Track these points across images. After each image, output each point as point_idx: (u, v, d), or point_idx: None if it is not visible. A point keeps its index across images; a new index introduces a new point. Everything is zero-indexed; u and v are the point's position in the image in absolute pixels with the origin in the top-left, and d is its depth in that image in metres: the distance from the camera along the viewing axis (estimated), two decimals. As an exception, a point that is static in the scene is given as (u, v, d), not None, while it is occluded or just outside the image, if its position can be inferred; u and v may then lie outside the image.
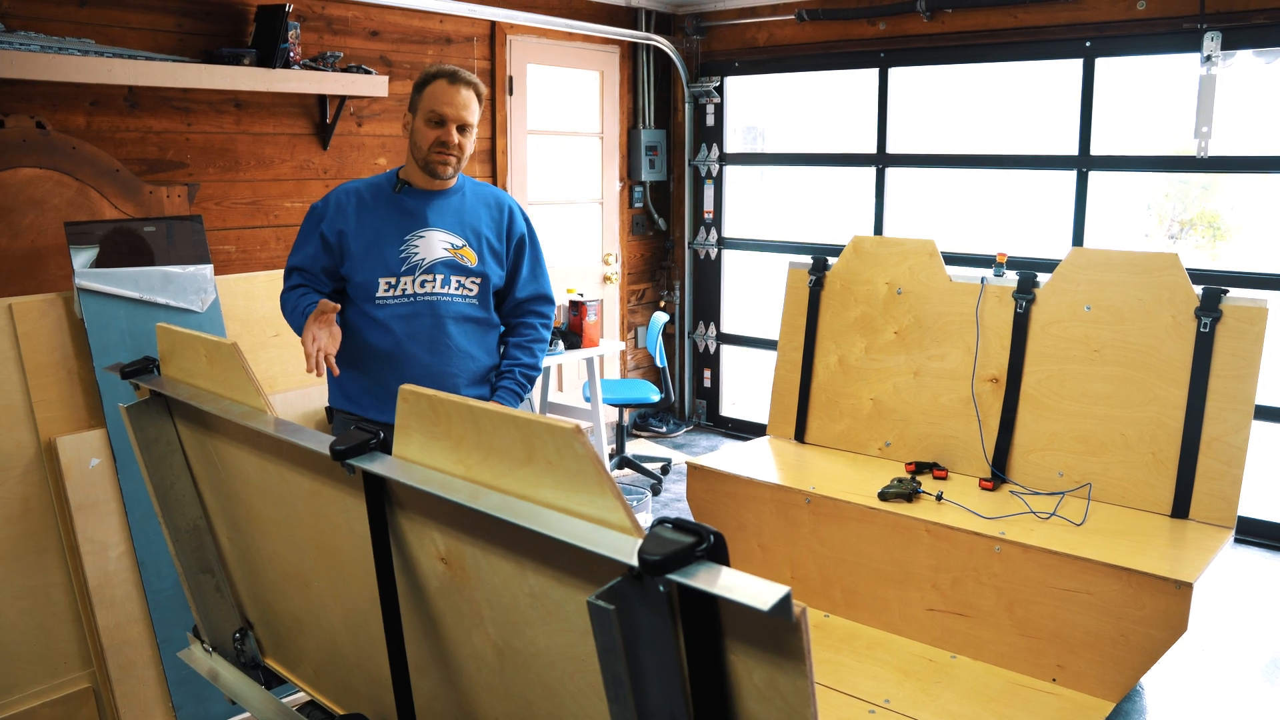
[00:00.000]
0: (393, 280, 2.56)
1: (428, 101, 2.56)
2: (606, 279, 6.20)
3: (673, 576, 1.07)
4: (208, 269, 3.13)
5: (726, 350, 6.54)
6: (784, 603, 1.02)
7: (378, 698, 1.90)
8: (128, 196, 3.62)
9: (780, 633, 1.08)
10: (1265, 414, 4.14)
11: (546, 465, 1.24)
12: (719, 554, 1.11)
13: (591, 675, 1.34)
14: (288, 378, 3.46)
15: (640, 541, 1.14)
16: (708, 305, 6.52)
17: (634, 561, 1.10)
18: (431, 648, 1.63)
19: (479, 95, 2.61)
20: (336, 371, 2.46)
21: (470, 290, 2.64)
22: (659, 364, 5.50)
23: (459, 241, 2.63)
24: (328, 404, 2.73)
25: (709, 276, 6.48)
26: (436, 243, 2.60)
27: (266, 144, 4.16)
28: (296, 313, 2.56)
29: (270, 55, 3.82)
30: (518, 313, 2.79)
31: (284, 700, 2.13)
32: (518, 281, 2.76)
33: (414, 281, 2.58)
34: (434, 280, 2.59)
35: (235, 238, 4.07)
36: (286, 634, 2.12)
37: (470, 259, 2.63)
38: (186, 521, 2.15)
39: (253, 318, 3.33)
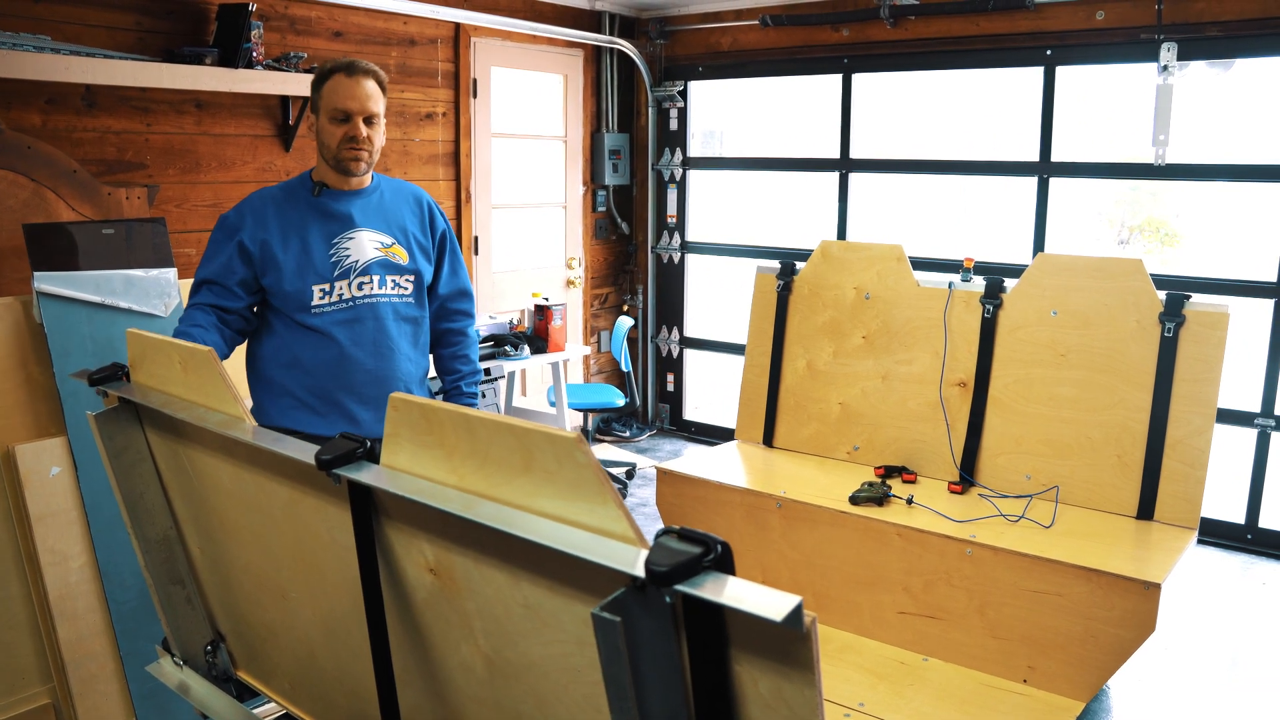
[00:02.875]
0: (326, 286, 2.47)
1: (329, 98, 2.46)
2: (570, 283, 6.18)
3: (680, 587, 1.06)
4: (171, 273, 3.06)
5: (690, 354, 6.55)
6: (796, 613, 1.01)
7: (358, 710, 1.86)
8: (85, 198, 3.54)
9: (789, 642, 1.07)
10: (1224, 417, 4.23)
11: (545, 474, 1.22)
12: (725, 564, 1.10)
13: (587, 686, 1.33)
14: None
15: (646, 552, 1.12)
16: (671, 309, 6.52)
17: (640, 573, 1.09)
18: (417, 659, 1.61)
19: (381, 84, 2.52)
20: None
21: (406, 289, 2.58)
22: (624, 368, 5.49)
23: (388, 240, 2.56)
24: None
25: (672, 281, 6.48)
26: (366, 243, 2.52)
27: (228, 145, 4.09)
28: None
29: (233, 55, 3.76)
30: (443, 315, 2.74)
31: (256, 712, 2.09)
32: (440, 279, 2.71)
33: (350, 285, 2.50)
34: (371, 281, 2.52)
35: (196, 240, 3.99)
36: (261, 646, 2.08)
37: (402, 257, 2.57)
38: (156, 532, 2.10)
39: (217, 322, 3.26)
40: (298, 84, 4.05)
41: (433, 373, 2.81)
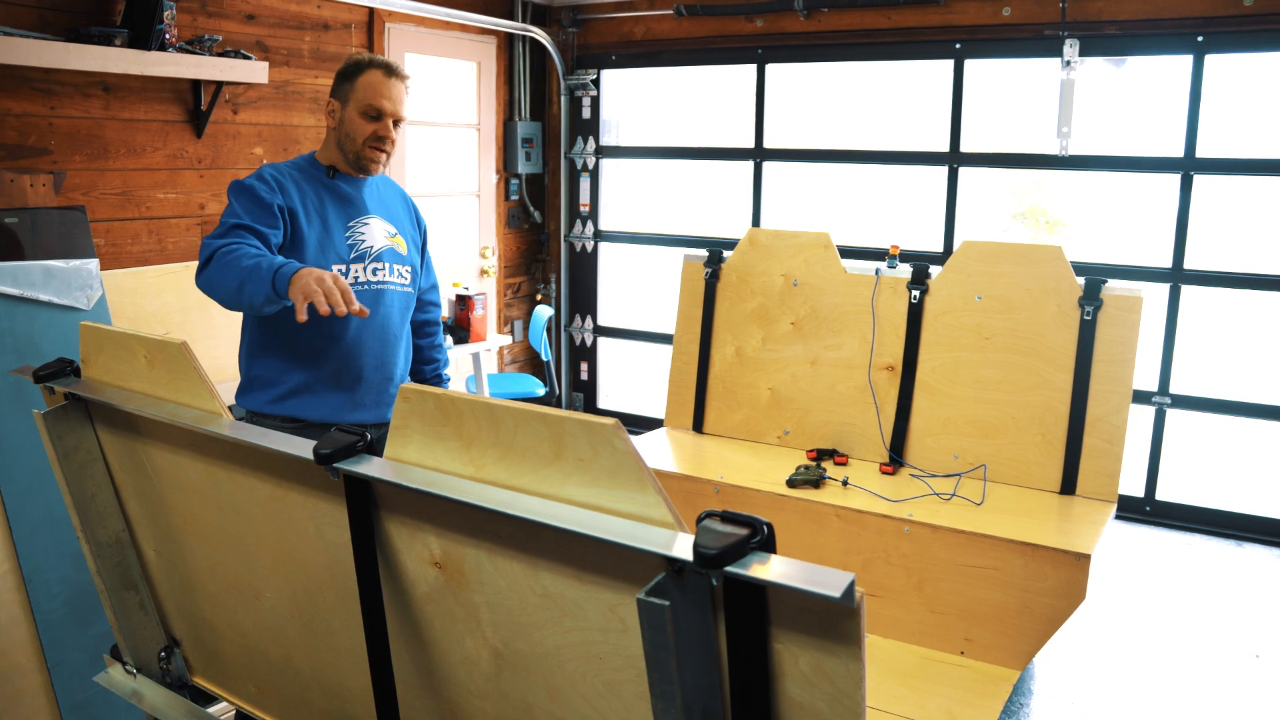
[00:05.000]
0: (343, 268, 2.46)
1: (364, 93, 2.47)
2: (484, 272, 6.12)
3: (730, 569, 1.08)
4: (93, 263, 2.93)
5: (604, 343, 6.55)
6: (850, 589, 1.04)
7: (337, 710, 1.82)
8: (-13, 186, 3.34)
9: (836, 617, 1.10)
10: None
11: (578, 463, 1.21)
12: (770, 544, 1.12)
13: (609, 673, 1.33)
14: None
15: (688, 537, 1.13)
16: (584, 298, 6.51)
17: (688, 556, 1.10)
18: (413, 656, 1.58)
19: (408, 90, 2.56)
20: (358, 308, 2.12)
21: (405, 280, 2.61)
22: (545, 357, 5.46)
23: (393, 230, 2.59)
24: (235, 403, 2.58)
25: (585, 269, 6.47)
26: (379, 230, 2.54)
27: (138, 131, 3.92)
28: (256, 257, 2.17)
29: (145, 36, 3.59)
30: (419, 307, 2.80)
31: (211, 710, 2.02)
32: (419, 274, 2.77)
33: (365, 269, 2.50)
34: (384, 268, 2.53)
35: (105, 230, 3.81)
36: (224, 649, 2.01)
37: (403, 248, 2.61)
38: (109, 535, 2.01)
39: (141, 315, 3.14)
40: (211, 68, 3.90)
41: None
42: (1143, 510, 4.82)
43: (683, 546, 1.11)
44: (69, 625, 2.75)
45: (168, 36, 3.71)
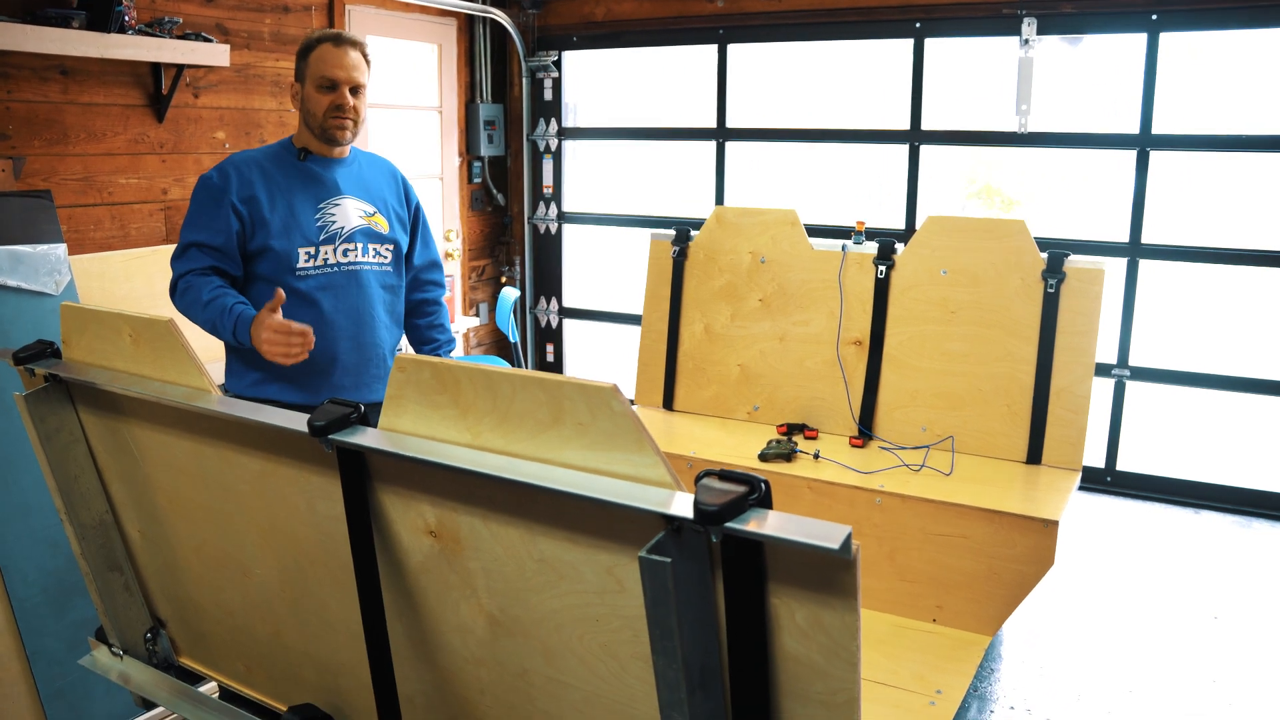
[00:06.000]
0: (312, 250, 2.46)
1: (316, 67, 2.48)
2: (448, 255, 6.10)
3: (731, 525, 1.11)
4: (61, 248, 2.89)
5: (569, 324, 6.56)
6: (847, 541, 1.08)
7: (328, 684, 1.84)
8: (-54, 171, 3.29)
9: (833, 570, 1.13)
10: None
11: (576, 427, 1.24)
12: (767, 501, 1.15)
13: (606, 634, 1.36)
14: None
15: (687, 495, 1.16)
16: (549, 280, 6.52)
17: (689, 514, 1.12)
18: (407, 626, 1.60)
19: (366, 57, 2.57)
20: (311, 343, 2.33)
21: (385, 259, 2.60)
22: (512, 339, 5.47)
23: (370, 209, 2.58)
24: (222, 384, 2.59)
25: (549, 252, 6.47)
26: (351, 210, 2.53)
27: (97, 115, 3.86)
28: (213, 307, 2.35)
29: (104, 18, 3.54)
30: (416, 285, 2.80)
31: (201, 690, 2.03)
32: (414, 251, 2.76)
33: (335, 250, 2.49)
34: (355, 249, 2.52)
35: (66, 216, 3.76)
36: (211, 628, 2.01)
37: (383, 226, 2.59)
38: (92, 517, 2.00)
39: (110, 299, 3.11)
40: (172, 51, 3.85)
41: (404, 344, 2.82)
42: (1104, 480, 4.93)
43: (682, 505, 1.14)
44: (46, 613, 2.73)
45: (127, 18, 3.66)
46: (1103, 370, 4.83)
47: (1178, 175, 4.78)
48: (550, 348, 6.58)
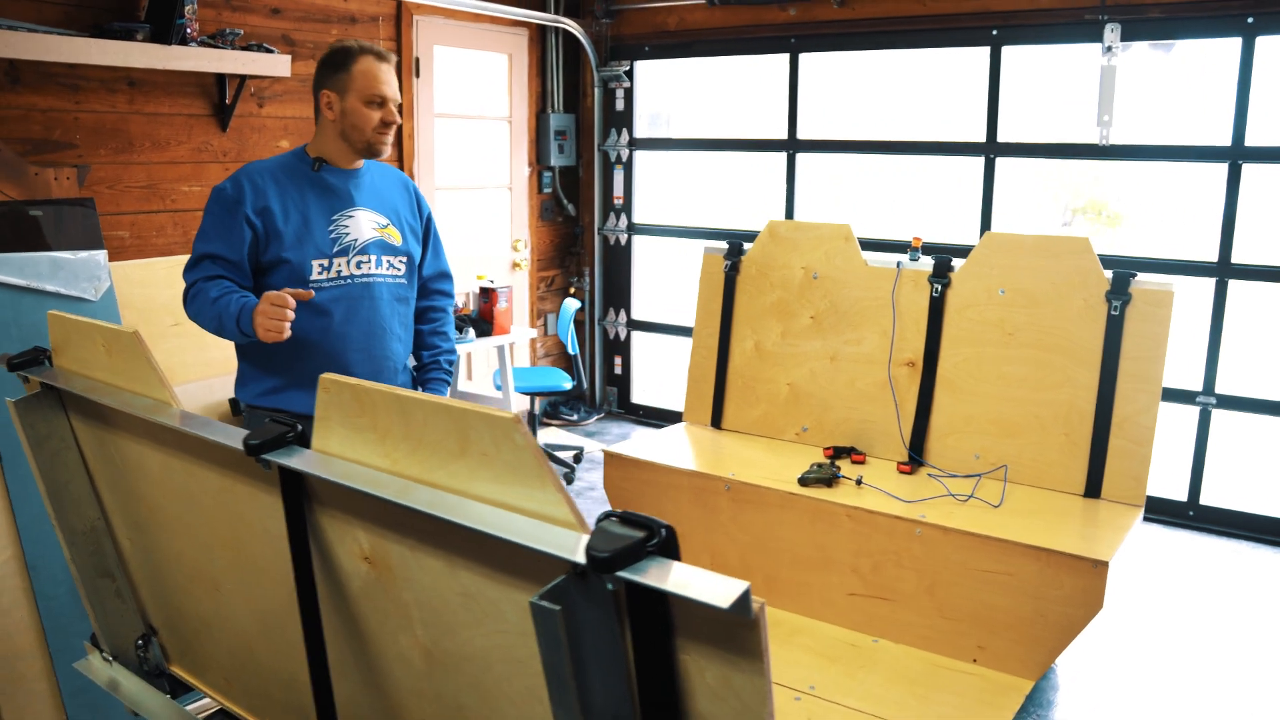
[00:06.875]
0: (325, 262, 2.46)
1: (363, 82, 2.46)
2: (516, 265, 6.11)
3: (623, 574, 1.02)
4: (101, 255, 2.95)
5: (637, 337, 6.50)
6: (744, 599, 0.97)
7: (295, 704, 1.80)
8: (11, 178, 3.40)
9: (737, 630, 1.03)
10: (1167, 395, 4.28)
11: (481, 457, 1.17)
12: (670, 548, 1.06)
13: (531, 678, 1.28)
14: (187, 369, 3.30)
15: (586, 538, 1.08)
16: (618, 292, 6.47)
17: (581, 559, 1.04)
18: (354, 651, 1.55)
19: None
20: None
21: (399, 270, 2.58)
22: (571, 351, 5.43)
23: (384, 221, 2.56)
24: (233, 397, 2.60)
25: (619, 263, 6.43)
26: (365, 222, 2.52)
27: (162, 125, 3.96)
28: (219, 303, 2.35)
29: (166, 31, 3.63)
30: (424, 294, 2.77)
31: (189, 709, 2.01)
32: (424, 262, 2.73)
33: (348, 263, 2.48)
34: (369, 261, 2.51)
35: (130, 223, 3.86)
36: (194, 639, 2.00)
37: (395, 238, 2.57)
38: (83, 523, 2.01)
39: (151, 306, 3.17)
40: (234, 61, 3.93)
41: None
42: (1186, 515, 4.63)
43: (578, 548, 1.05)
44: (71, 613, 2.78)
45: (189, 31, 3.74)
46: (1186, 397, 4.55)
47: (1272, 190, 4.47)
48: (619, 360, 6.53)
